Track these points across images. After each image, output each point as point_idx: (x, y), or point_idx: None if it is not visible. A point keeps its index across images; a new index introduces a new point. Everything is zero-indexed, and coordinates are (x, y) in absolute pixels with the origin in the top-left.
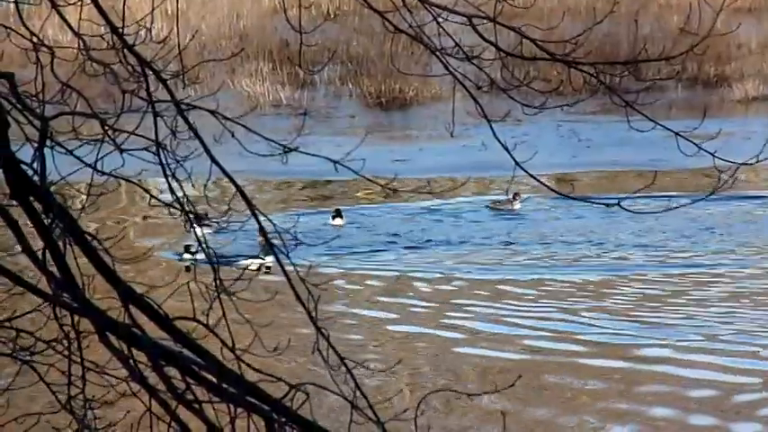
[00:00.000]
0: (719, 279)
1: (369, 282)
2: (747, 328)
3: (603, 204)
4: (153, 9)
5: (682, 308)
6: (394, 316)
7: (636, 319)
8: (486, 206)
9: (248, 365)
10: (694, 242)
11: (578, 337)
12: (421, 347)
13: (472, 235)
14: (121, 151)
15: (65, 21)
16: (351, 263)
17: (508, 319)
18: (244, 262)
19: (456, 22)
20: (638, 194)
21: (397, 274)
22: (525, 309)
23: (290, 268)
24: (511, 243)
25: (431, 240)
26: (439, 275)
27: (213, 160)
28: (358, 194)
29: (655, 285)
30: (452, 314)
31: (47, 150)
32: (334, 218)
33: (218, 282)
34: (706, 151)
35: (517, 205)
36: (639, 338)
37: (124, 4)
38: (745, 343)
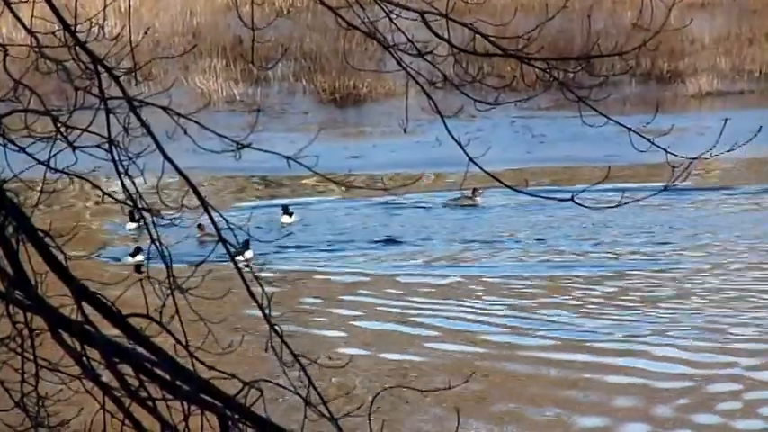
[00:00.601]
0: (672, 276)
1: (322, 278)
2: (701, 324)
3: (557, 199)
4: (105, 6)
5: (636, 304)
6: (349, 313)
7: (594, 315)
8: (445, 204)
9: (202, 363)
10: (644, 239)
11: (539, 332)
12: (379, 344)
13: (431, 232)
14: (74, 148)
15: (17, 18)
16: (304, 260)
17: (468, 316)
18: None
19: (409, 19)
20: (591, 189)
21: (352, 270)
22: (482, 306)
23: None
24: (469, 241)
25: (389, 236)
26: (397, 272)
27: (165, 157)
28: (311, 190)
29: (609, 282)
30: (411, 311)
31: None
32: (283, 215)
33: (170, 279)
34: (659, 147)
35: (479, 200)
36: (598, 333)
37: (76, 2)
38: (704, 338)
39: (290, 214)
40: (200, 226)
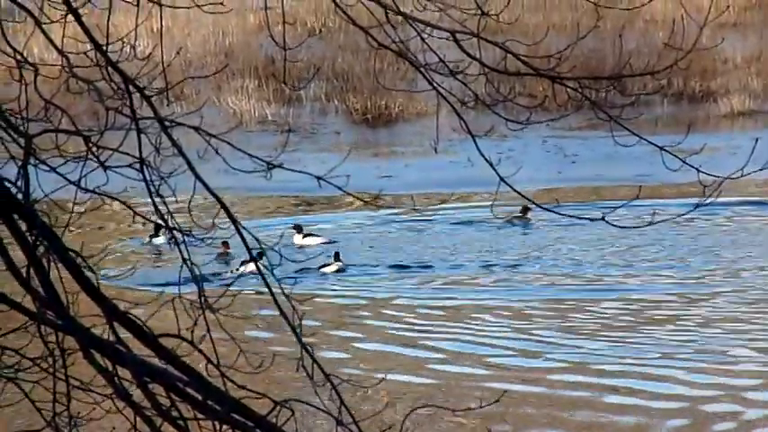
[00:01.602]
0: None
1: (349, 301)
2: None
3: (588, 219)
4: (137, 26)
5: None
6: (376, 335)
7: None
8: (500, 221)
9: (233, 382)
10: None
11: (548, 355)
12: (403, 365)
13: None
14: (105, 168)
15: (48, 39)
16: (334, 281)
17: (484, 340)
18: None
19: (441, 38)
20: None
21: (379, 293)
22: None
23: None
24: (492, 264)
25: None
26: (421, 297)
27: (197, 176)
28: (343, 210)
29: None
30: (433, 335)
31: (30, 168)
32: (296, 234)
33: (202, 299)
34: (690, 165)
35: (529, 215)
36: (605, 357)
37: (108, 22)
38: (705, 360)
39: (305, 235)
40: (225, 243)
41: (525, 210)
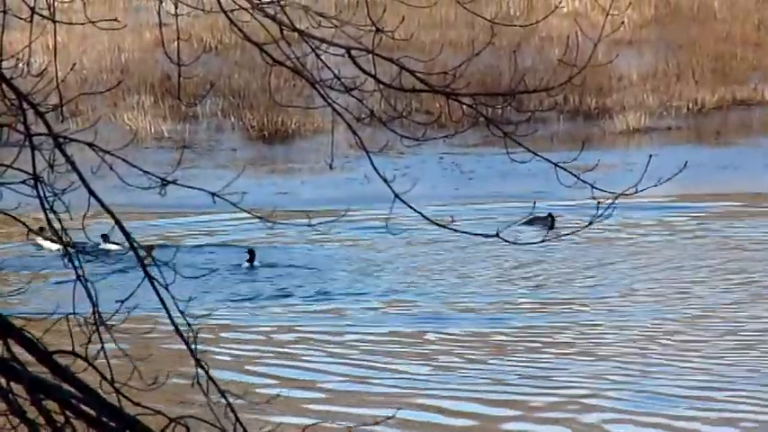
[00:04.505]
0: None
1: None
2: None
3: (483, 235)
4: (30, 42)
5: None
6: (271, 353)
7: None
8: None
9: (127, 398)
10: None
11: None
12: (297, 383)
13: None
14: None
15: None
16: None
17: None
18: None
19: (336, 55)
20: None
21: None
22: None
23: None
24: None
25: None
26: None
27: (91, 192)
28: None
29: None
30: (324, 357)
31: None
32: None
33: (96, 315)
34: (584, 182)
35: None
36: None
37: (1, 38)
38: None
39: (111, 242)
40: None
41: (552, 219)
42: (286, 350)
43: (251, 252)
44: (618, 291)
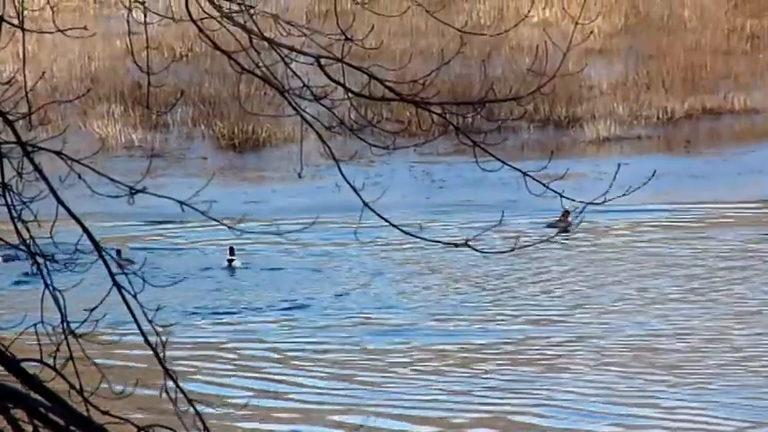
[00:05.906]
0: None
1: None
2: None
3: (453, 245)
4: None
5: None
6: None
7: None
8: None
9: (95, 407)
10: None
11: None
12: (267, 393)
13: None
14: None
15: None
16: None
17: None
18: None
19: (306, 63)
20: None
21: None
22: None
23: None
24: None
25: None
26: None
27: (59, 201)
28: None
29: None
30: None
31: None
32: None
33: (64, 323)
34: (553, 191)
35: (570, 218)
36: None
37: None
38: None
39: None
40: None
41: (566, 213)
42: (253, 363)
43: (231, 250)
44: (587, 302)
